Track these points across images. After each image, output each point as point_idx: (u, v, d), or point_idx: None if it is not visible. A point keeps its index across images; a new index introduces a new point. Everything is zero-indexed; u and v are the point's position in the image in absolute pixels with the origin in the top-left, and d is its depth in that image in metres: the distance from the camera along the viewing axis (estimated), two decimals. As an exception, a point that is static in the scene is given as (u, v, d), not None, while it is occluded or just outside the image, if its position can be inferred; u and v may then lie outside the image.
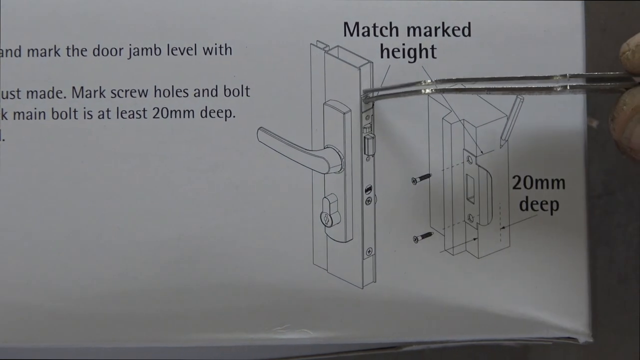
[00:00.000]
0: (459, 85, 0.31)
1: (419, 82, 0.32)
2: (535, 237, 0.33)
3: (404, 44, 0.33)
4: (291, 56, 0.33)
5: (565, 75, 0.30)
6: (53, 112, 0.33)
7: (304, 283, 0.33)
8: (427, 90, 0.31)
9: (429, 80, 0.32)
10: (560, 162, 0.33)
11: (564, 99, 0.33)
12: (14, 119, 0.33)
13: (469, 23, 0.33)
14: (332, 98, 0.33)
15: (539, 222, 0.33)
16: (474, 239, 0.33)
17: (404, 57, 0.33)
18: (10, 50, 0.33)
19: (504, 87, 0.31)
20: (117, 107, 0.33)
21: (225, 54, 0.33)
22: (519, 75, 0.31)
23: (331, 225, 0.33)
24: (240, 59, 0.33)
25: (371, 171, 0.33)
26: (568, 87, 0.30)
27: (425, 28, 0.33)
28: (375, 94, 0.33)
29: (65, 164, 0.33)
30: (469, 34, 0.33)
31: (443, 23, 0.33)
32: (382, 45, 0.33)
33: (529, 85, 0.30)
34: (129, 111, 0.33)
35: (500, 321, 0.33)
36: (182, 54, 0.33)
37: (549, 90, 0.30)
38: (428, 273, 0.33)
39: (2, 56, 0.33)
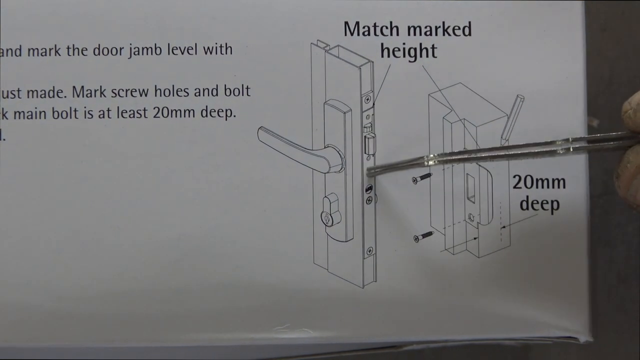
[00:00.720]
0: (461, 156, 0.31)
1: (422, 157, 0.32)
2: (535, 236, 0.33)
3: (404, 44, 0.33)
4: (292, 56, 0.33)
5: (567, 140, 0.30)
6: (53, 112, 0.33)
7: (305, 283, 0.33)
8: (431, 162, 0.31)
9: (432, 155, 0.31)
10: (561, 161, 0.33)
11: (564, 97, 0.33)
12: (15, 118, 0.33)
13: (470, 23, 0.33)
14: (332, 97, 0.33)
15: (540, 221, 0.33)
16: (475, 239, 0.33)
17: (404, 56, 0.33)
18: (11, 49, 0.33)
19: (508, 153, 0.30)
20: (118, 107, 0.33)
21: (226, 53, 0.33)
22: (521, 143, 0.31)
23: (332, 225, 0.33)
24: (241, 59, 0.33)
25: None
26: (571, 149, 0.30)
27: (425, 27, 0.33)
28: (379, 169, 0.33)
29: (65, 163, 0.33)
30: (470, 34, 0.33)
31: (443, 22, 0.33)
32: (382, 44, 0.33)
33: (532, 150, 0.30)
34: (130, 111, 0.33)
35: (500, 321, 0.33)
36: (182, 53, 0.33)
37: (552, 153, 0.30)
38: (428, 272, 0.33)
39: (3, 56, 0.33)
